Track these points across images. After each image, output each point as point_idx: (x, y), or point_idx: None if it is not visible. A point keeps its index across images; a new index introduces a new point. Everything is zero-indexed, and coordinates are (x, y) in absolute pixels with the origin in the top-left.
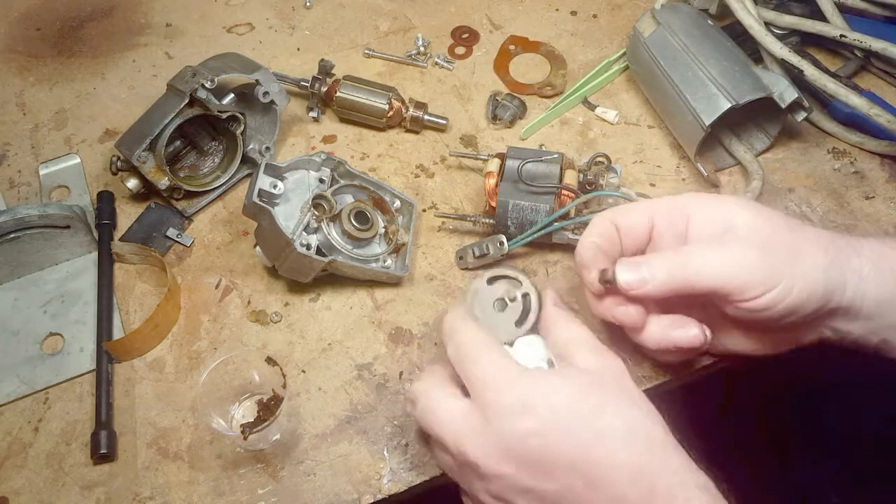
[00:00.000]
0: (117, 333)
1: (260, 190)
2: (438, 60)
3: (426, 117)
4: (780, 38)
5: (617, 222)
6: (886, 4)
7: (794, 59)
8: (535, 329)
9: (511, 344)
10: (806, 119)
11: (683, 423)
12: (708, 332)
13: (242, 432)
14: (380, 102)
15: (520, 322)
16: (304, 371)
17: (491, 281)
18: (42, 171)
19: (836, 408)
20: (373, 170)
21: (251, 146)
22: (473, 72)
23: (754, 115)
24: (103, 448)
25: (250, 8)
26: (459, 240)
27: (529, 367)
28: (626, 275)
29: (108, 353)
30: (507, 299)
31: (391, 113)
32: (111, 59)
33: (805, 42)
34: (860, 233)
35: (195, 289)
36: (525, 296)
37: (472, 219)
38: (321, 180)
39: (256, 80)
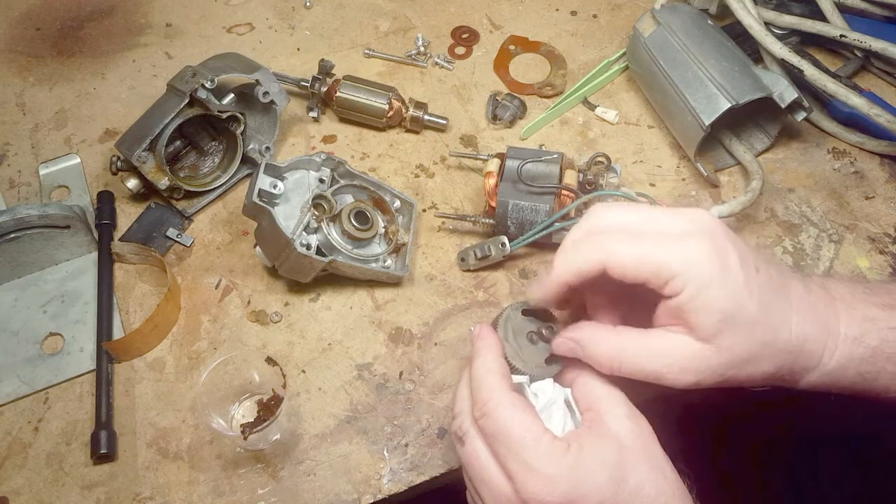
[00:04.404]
0: (117, 333)
1: (260, 190)
2: (438, 60)
3: (426, 117)
4: (780, 38)
5: (569, 282)
6: (886, 4)
7: (794, 59)
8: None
9: (535, 378)
10: (806, 119)
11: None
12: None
13: (242, 432)
14: (380, 102)
15: (550, 361)
16: (304, 371)
17: (525, 313)
18: (42, 171)
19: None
20: (373, 170)
21: (251, 146)
22: (473, 72)
23: (754, 115)
24: (103, 448)
25: (250, 8)
26: (459, 240)
27: (553, 412)
28: (562, 348)
29: (108, 353)
30: (541, 335)
31: (391, 113)
32: (111, 59)
33: (805, 42)
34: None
35: (195, 289)
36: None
37: (472, 219)
38: (321, 180)
39: (256, 80)
